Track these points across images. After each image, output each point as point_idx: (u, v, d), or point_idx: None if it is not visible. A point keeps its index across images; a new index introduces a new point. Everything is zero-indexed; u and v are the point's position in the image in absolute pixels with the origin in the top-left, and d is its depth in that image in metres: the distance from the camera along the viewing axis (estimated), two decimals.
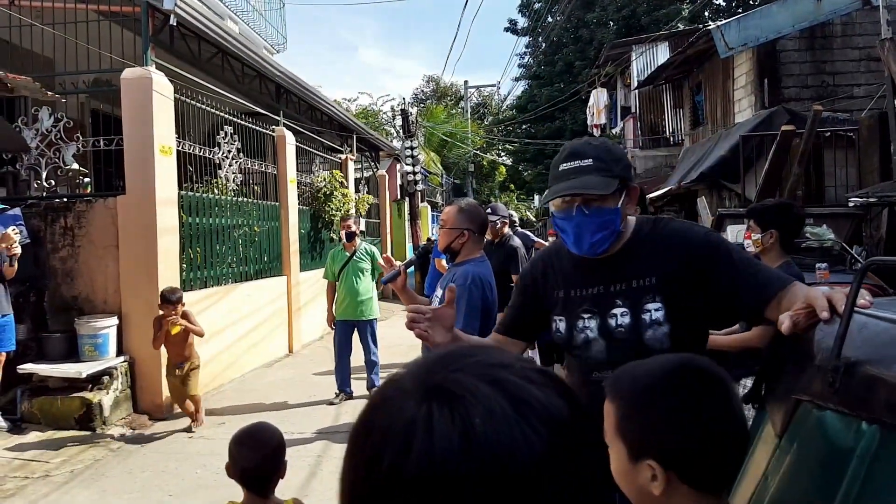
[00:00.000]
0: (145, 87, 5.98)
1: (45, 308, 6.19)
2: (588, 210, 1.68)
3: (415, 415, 0.53)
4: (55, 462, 4.87)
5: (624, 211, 1.71)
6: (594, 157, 1.69)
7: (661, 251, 1.72)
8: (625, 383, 1.02)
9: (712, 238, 1.74)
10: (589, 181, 1.66)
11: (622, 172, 1.70)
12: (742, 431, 1.02)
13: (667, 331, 1.67)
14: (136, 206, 5.96)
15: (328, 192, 10.87)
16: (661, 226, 1.79)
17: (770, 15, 10.24)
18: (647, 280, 1.70)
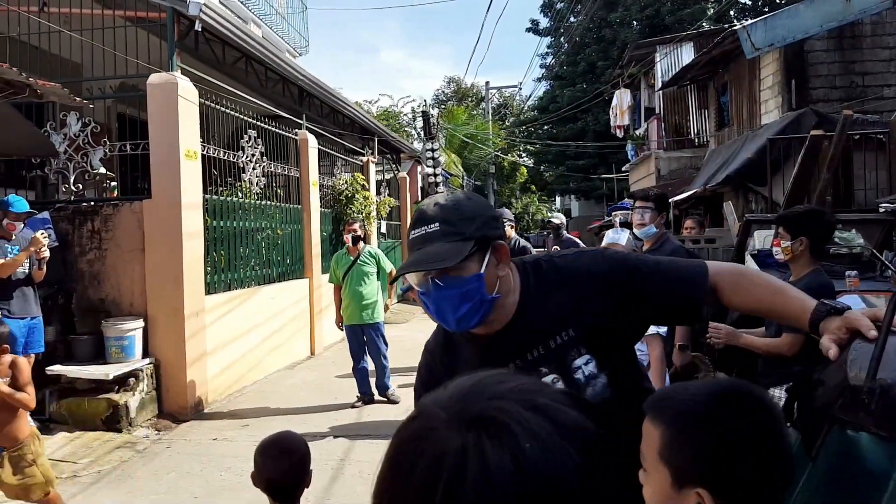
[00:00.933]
0: (171, 92, 6.05)
1: (72, 310, 6.29)
2: (443, 282, 1.43)
3: (464, 443, 0.56)
4: (83, 462, 4.94)
5: (492, 273, 1.46)
6: (440, 221, 1.44)
7: (564, 298, 1.52)
8: (670, 408, 0.99)
9: (614, 260, 1.57)
10: (433, 252, 1.42)
11: (479, 232, 1.44)
12: (790, 460, 1.00)
13: (605, 381, 1.51)
14: (162, 210, 6.03)
15: (350, 194, 10.92)
16: (547, 268, 1.58)
17: (797, 15, 10.07)
18: (565, 334, 1.50)
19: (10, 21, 6.62)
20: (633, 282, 1.50)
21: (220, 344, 6.71)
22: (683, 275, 1.52)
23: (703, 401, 0.98)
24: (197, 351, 6.22)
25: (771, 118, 10.80)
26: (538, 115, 31.14)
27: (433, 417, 0.60)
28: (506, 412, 0.58)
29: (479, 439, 0.56)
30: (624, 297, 1.49)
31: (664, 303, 1.53)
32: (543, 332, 1.51)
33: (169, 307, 6.06)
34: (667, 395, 1.04)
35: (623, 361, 1.58)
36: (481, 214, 1.48)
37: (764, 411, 1.00)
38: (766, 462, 0.95)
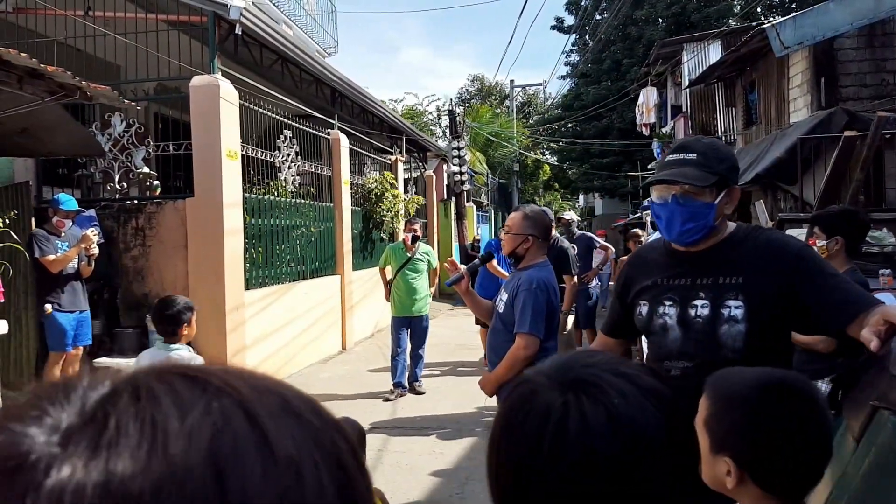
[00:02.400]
0: (213, 95, 6.24)
1: (117, 304, 6.52)
2: (683, 200, 1.79)
3: (565, 401, 0.71)
4: None
5: (720, 208, 1.81)
6: (698, 153, 1.80)
7: (752, 255, 1.80)
8: (721, 385, 1.14)
9: (805, 253, 1.81)
10: (687, 172, 1.77)
11: (724, 172, 1.80)
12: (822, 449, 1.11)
13: (742, 329, 1.74)
14: (205, 208, 6.24)
15: (379, 193, 11.08)
16: (757, 232, 1.89)
17: (827, 13, 10.01)
18: (734, 279, 1.78)
19: (53, 24, 6.88)
20: (810, 273, 1.73)
21: (257, 338, 6.91)
22: (850, 295, 1.70)
23: (749, 386, 1.11)
24: (237, 345, 6.42)
25: (799, 117, 10.75)
26: (562, 112, 31.08)
27: (537, 382, 0.75)
28: (597, 376, 0.73)
29: (577, 397, 0.71)
30: (795, 281, 1.72)
31: (814, 304, 1.72)
32: (719, 269, 1.80)
33: (210, 302, 6.25)
34: (723, 374, 1.18)
35: (768, 329, 1.75)
36: (729, 160, 1.85)
37: (805, 402, 1.11)
38: (799, 447, 1.07)
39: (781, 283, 1.74)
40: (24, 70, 4.75)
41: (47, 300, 5.57)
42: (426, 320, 6.96)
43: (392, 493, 4.15)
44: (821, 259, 1.89)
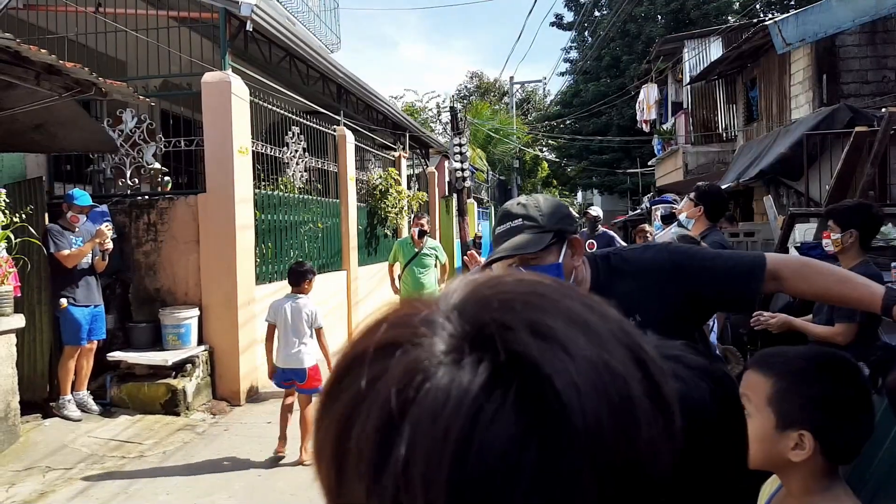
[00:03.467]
0: (224, 91, 6.29)
1: (129, 299, 6.57)
2: (527, 271, 1.55)
3: None
4: (148, 444, 5.21)
5: (569, 263, 1.66)
6: (523, 216, 1.65)
7: (631, 289, 1.67)
8: (781, 363, 1.18)
9: (675, 257, 1.73)
10: (518, 242, 1.62)
11: (557, 225, 1.65)
12: (872, 416, 1.18)
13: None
14: (217, 204, 6.29)
15: (384, 189, 11.14)
16: (616, 261, 1.76)
17: (829, 9, 10.07)
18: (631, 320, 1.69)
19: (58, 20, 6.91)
20: (694, 273, 1.68)
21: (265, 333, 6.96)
22: (742, 267, 1.70)
23: (811, 360, 1.17)
24: (248, 338, 6.47)
25: (801, 113, 10.82)
26: (562, 109, 31.11)
27: None
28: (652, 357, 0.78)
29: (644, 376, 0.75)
30: (687, 287, 1.65)
31: (723, 290, 1.70)
32: None
33: (222, 296, 6.31)
34: (775, 353, 1.24)
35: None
36: (558, 212, 1.69)
37: (857, 374, 1.18)
38: (857, 417, 1.14)
39: (677, 298, 1.66)
40: (41, 66, 4.79)
41: (62, 295, 5.62)
42: None
43: None
44: (690, 249, 1.84)
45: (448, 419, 0.34)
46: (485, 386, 0.35)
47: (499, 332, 0.37)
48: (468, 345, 0.37)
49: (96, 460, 4.86)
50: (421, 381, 0.35)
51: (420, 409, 0.35)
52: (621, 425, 0.36)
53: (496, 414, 0.34)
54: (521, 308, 0.38)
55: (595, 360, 0.37)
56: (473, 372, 0.35)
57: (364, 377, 0.37)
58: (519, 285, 0.42)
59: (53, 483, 4.45)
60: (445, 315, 0.39)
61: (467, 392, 0.34)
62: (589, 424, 0.35)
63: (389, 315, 0.42)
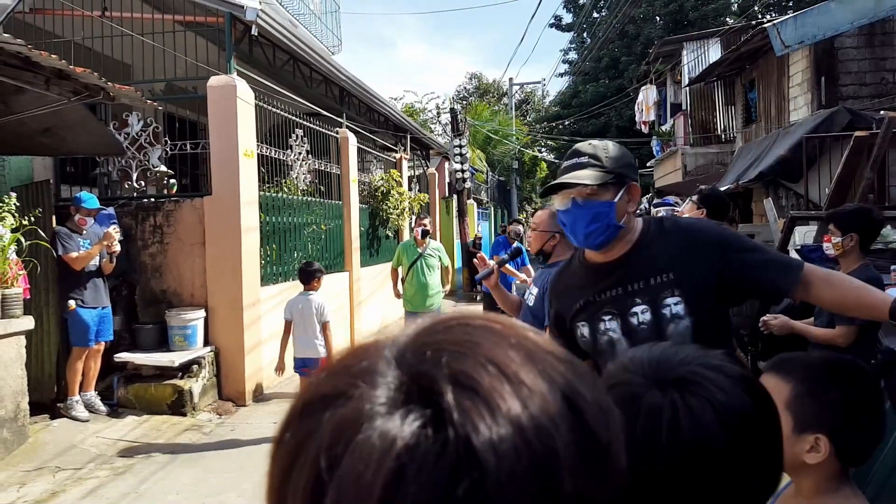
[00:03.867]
0: (230, 95, 6.35)
1: (135, 301, 6.62)
2: (582, 202, 1.75)
3: (673, 400, 0.76)
4: (156, 443, 5.27)
5: (622, 206, 1.77)
6: (590, 155, 1.77)
7: (675, 248, 1.78)
8: (799, 368, 1.24)
9: (726, 233, 1.87)
10: (580, 174, 1.74)
11: (619, 169, 1.77)
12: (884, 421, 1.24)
13: (688, 324, 1.73)
14: (222, 206, 6.34)
15: (385, 190, 11.20)
16: (669, 223, 1.89)
17: (828, 12, 10.14)
18: (665, 276, 1.76)
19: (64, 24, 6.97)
20: (738, 250, 1.78)
21: (272, 333, 7.01)
22: (783, 261, 1.83)
23: (828, 365, 1.23)
24: (253, 339, 6.53)
25: (800, 115, 10.90)
26: (560, 110, 31.19)
27: (635, 383, 0.79)
28: (696, 373, 0.78)
29: (682, 396, 0.76)
30: (727, 262, 1.75)
31: (760, 276, 1.78)
32: (647, 270, 1.80)
33: (228, 298, 6.37)
34: (793, 357, 1.30)
35: (712, 318, 1.79)
36: (622, 158, 1.82)
37: (869, 378, 1.24)
38: (871, 422, 1.20)
39: (714, 268, 1.74)
40: (51, 71, 4.85)
41: (71, 296, 5.67)
42: (437, 312, 7.09)
43: None
44: (742, 236, 1.96)
45: (370, 478, 0.34)
46: (408, 443, 0.35)
47: (428, 384, 0.38)
48: (403, 397, 0.37)
49: (105, 460, 4.92)
50: (350, 437, 0.36)
51: (345, 466, 0.35)
52: (542, 480, 0.36)
53: (417, 473, 0.34)
54: (449, 358, 0.39)
55: (517, 415, 0.37)
56: (399, 427, 0.36)
57: (300, 431, 0.38)
58: (456, 332, 0.42)
59: (63, 483, 4.50)
60: (388, 361, 0.40)
61: (389, 450, 0.35)
62: (505, 483, 0.35)
63: (343, 361, 0.42)
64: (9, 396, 4.92)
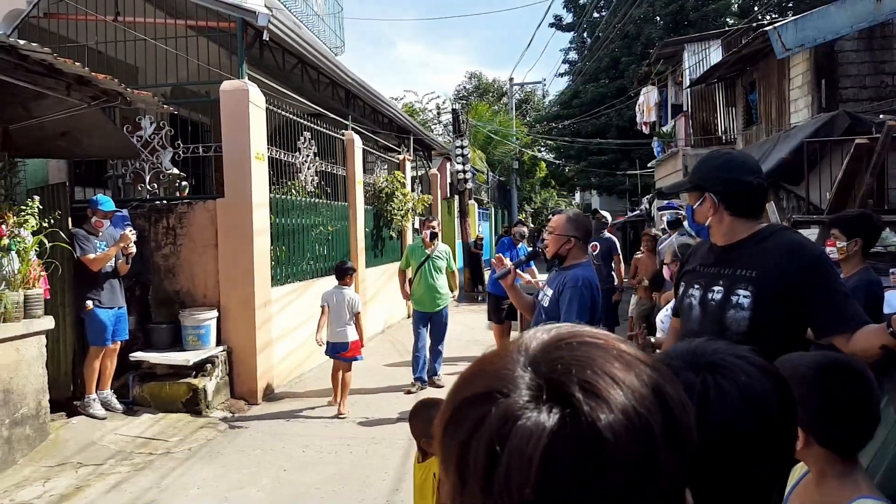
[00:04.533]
0: (242, 99, 6.46)
1: (149, 301, 6.74)
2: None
3: (704, 380, 0.90)
4: (173, 440, 5.39)
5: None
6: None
7: (771, 253, 2.06)
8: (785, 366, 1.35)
9: (821, 260, 2.06)
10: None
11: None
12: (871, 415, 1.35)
13: (746, 316, 2.02)
14: (234, 208, 6.46)
15: (390, 191, 11.32)
16: (784, 233, 2.18)
17: (828, 15, 10.28)
18: (749, 272, 2.07)
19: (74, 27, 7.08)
20: (816, 279, 2.00)
21: (282, 333, 7.15)
22: (843, 311, 1.99)
23: (810, 365, 1.35)
24: (265, 339, 6.66)
25: (800, 117, 11.02)
26: (560, 110, 31.29)
27: (674, 365, 0.92)
28: (726, 360, 0.92)
29: (713, 377, 0.89)
30: (801, 283, 1.99)
31: (812, 311, 2.01)
32: (738, 262, 2.11)
33: (240, 298, 6.49)
34: (785, 358, 1.41)
35: (771, 323, 2.00)
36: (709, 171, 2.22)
37: (856, 376, 1.35)
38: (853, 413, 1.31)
39: (790, 283, 1.98)
40: (72, 77, 4.97)
41: (88, 297, 5.79)
42: (445, 315, 7.22)
43: None
44: (834, 271, 2.13)
45: (531, 450, 0.50)
46: (554, 428, 0.50)
47: (561, 389, 0.53)
48: (543, 396, 0.53)
49: (125, 457, 5.04)
50: (512, 423, 0.51)
51: (512, 443, 0.51)
52: (644, 452, 0.51)
53: (562, 447, 0.50)
54: (575, 369, 0.54)
55: (625, 408, 0.51)
56: (547, 419, 0.51)
57: (474, 417, 0.54)
58: (575, 350, 0.57)
59: (86, 478, 4.62)
60: (523, 367, 0.56)
61: (542, 433, 0.50)
62: (620, 453, 0.50)
63: (486, 364, 0.59)
64: (31, 394, 5.04)
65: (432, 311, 7.07)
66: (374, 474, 4.63)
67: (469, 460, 0.52)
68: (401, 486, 4.42)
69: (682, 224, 6.03)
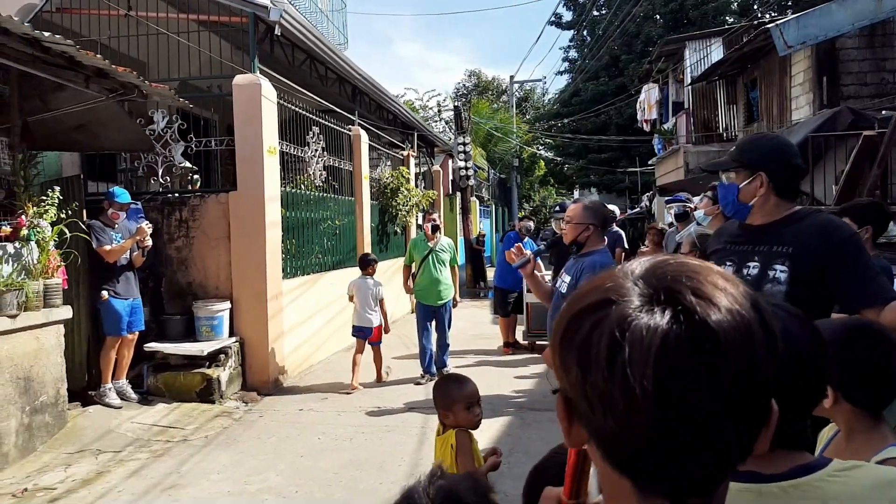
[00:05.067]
0: (255, 93, 6.54)
1: (161, 293, 6.82)
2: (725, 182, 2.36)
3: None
4: (190, 428, 5.47)
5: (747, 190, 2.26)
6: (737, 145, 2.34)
7: (806, 233, 2.18)
8: None
9: (852, 240, 2.17)
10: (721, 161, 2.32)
11: (749, 159, 2.28)
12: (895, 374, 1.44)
13: (783, 290, 2.11)
14: (247, 201, 6.54)
15: (395, 187, 11.40)
16: (817, 214, 2.29)
17: (830, 13, 10.38)
18: (785, 248, 2.17)
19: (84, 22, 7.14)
20: (846, 255, 2.11)
21: (292, 325, 7.23)
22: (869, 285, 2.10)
23: (841, 330, 1.44)
24: (276, 331, 6.74)
25: (801, 114, 11.13)
26: (560, 108, 31.37)
27: None
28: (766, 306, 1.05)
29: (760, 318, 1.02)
30: (832, 259, 2.11)
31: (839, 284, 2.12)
32: (774, 240, 2.21)
33: (252, 290, 6.57)
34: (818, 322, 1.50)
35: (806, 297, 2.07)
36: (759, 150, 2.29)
37: (881, 337, 1.45)
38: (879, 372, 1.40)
39: (825, 259, 2.09)
40: (92, 70, 5.04)
41: (104, 288, 5.87)
42: (449, 308, 7.22)
43: None
44: (865, 250, 2.22)
45: (649, 341, 0.57)
46: (668, 325, 0.58)
47: (673, 294, 0.60)
48: (655, 300, 0.60)
49: (143, 444, 5.12)
50: (631, 321, 0.59)
51: (633, 334, 0.58)
52: (746, 349, 0.59)
53: (677, 340, 0.57)
54: (685, 279, 0.62)
55: (731, 310, 0.59)
56: (661, 317, 0.58)
57: (593, 320, 0.61)
58: (682, 266, 0.65)
59: (106, 464, 4.71)
60: (633, 282, 0.63)
61: (658, 327, 0.58)
62: (728, 346, 0.58)
63: (597, 283, 0.66)
64: (50, 383, 5.12)
65: (436, 305, 7.10)
66: (389, 460, 4.71)
67: (591, 354, 0.60)
68: (416, 471, 4.50)
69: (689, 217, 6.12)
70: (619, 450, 0.62)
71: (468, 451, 2.73)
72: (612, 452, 0.63)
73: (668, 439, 0.59)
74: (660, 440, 0.59)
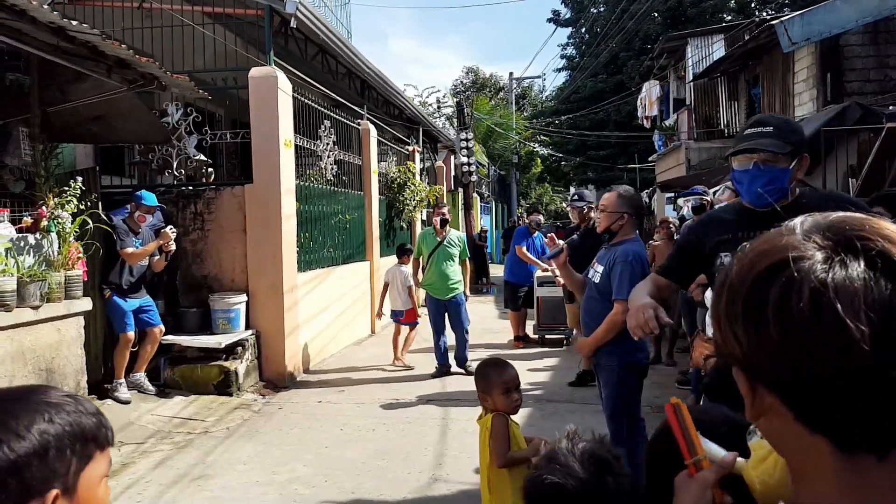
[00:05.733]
0: (271, 86, 6.53)
1: (176, 286, 6.80)
2: (763, 166, 2.12)
3: None
4: (210, 420, 5.48)
5: (794, 173, 2.14)
6: (774, 126, 2.13)
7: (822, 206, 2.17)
8: None
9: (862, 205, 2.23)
10: (765, 143, 2.10)
11: (796, 142, 2.13)
12: None
13: None
14: (263, 194, 6.54)
15: (402, 182, 11.41)
16: (823, 192, 2.33)
17: (834, 10, 10.44)
18: None
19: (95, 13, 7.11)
20: None
21: (306, 318, 7.24)
22: None
23: None
24: (292, 323, 6.75)
25: (805, 111, 11.18)
26: (558, 105, 31.41)
27: None
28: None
29: None
30: None
31: None
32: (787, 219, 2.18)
33: (268, 283, 6.58)
34: None
35: None
36: (800, 132, 2.22)
37: None
38: None
39: None
40: (113, 60, 5.03)
41: (106, 285, 5.79)
42: (461, 301, 7.16)
43: (469, 455, 4.47)
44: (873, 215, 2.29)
45: (853, 291, 0.57)
46: (864, 271, 0.58)
47: (861, 241, 0.60)
48: (839, 251, 0.60)
49: (164, 435, 5.13)
50: (828, 271, 0.59)
51: (836, 283, 0.58)
52: None
53: (875, 284, 0.57)
54: (869, 228, 0.61)
55: None
56: (858, 264, 0.59)
57: (780, 283, 0.61)
58: (848, 218, 0.64)
59: (130, 455, 4.71)
60: (804, 237, 0.63)
61: (856, 275, 0.58)
62: None
63: (765, 247, 0.66)
64: (70, 374, 5.11)
65: (445, 299, 7.08)
66: (414, 450, 4.73)
67: (793, 311, 0.59)
68: (443, 461, 4.53)
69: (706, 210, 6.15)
70: (822, 403, 0.61)
71: (502, 435, 2.75)
72: (813, 408, 0.62)
73: (884, 384, 0.58)
74: (874, 384, 0.58)
